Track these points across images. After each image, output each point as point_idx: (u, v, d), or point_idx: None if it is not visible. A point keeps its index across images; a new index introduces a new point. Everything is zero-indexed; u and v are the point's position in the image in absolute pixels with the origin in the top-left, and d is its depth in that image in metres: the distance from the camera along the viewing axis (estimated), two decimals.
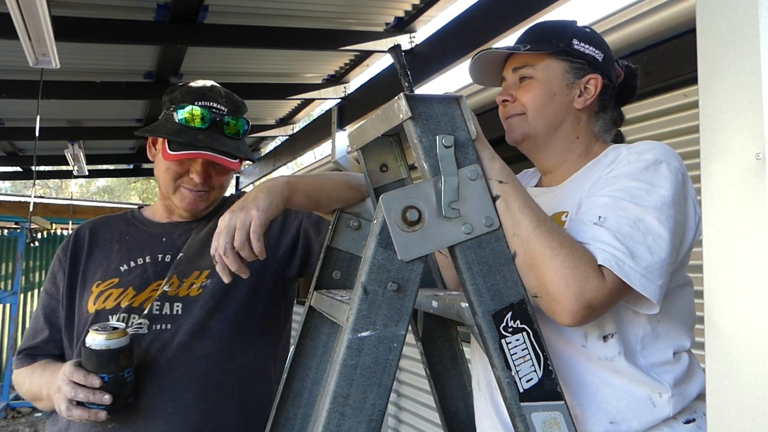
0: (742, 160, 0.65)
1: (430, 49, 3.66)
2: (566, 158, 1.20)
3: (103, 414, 1.27)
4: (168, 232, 1.55)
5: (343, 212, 1.31)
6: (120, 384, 1.29)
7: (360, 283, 0.84)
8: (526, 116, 1.19)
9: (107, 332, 1.27)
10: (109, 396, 1.26)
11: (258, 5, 3.50)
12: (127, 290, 1.45)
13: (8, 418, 7.53)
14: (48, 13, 2.58)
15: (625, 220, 0.96)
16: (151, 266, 1.48)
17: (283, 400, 1.25)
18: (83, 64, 4.26)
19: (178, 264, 1.47)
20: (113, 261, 1.51)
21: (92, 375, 1.27)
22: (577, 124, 1.19)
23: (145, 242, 1.53)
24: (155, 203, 1.64)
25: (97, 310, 1.44)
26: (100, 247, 1.55)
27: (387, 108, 0.94)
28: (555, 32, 1.21)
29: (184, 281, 1.45)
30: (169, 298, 1.43)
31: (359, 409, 0.82)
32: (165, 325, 1.41)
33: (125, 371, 1.29)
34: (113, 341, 1.27)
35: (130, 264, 1.50)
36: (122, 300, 1.44)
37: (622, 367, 1.03)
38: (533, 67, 1.19)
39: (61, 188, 24.56)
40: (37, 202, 9.65)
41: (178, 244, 1.51)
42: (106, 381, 1.27)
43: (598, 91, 1.18)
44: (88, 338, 1.28)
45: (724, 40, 0.67)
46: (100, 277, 1.49)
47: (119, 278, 1.48)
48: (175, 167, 1.47)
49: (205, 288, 1.45)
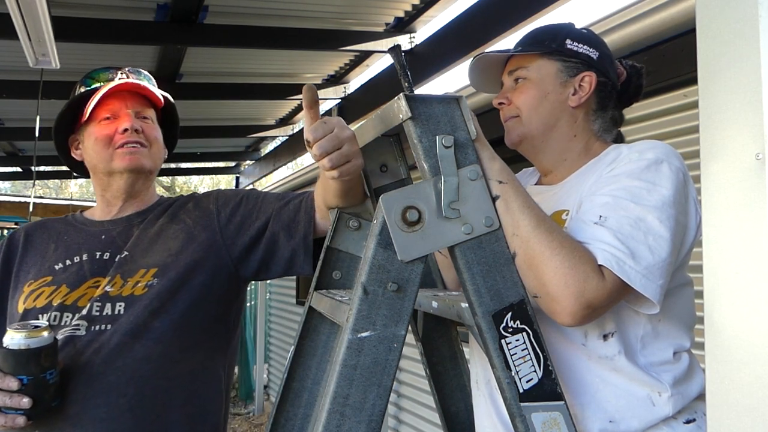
0: (742, 160, 0.65)
1: (430, 49, 3.67)
2: (565, 157, 1.20)
3: (22, 419, 1.17)
4: (107, 229, 1.48)
5: (343, 212, 1.30)
6: (41, 386, 1.18)
7: (360, 284, 0.84)
8: (520, 118, 1.20)
9: (27, 330, 1.17)
10: (28, 399, 1.16)
11: (258, 5, 3.50)
12: (60, 288, 1.37)
13: None
14: (48, 13, 2.58)
15: (626, 220, 0.96)
16: (88, 263, 1.41)
17: (283, 400, 1.25)
18: (83, 64, 4.25)
19: (122, 262, 1.40)
20: (48, 260, 1.44)
21: (9, 377, 1.16)
22: (574, 122, 1.19)
23: (83, 240, 1.46)
24: (95, 206, 1.58)
25: (26, 309, 1.36)
26: (35, 248, 1.48)
27: (387, 108, 0.94)
28: (549, 34, 1.22)
29: (129, 280, 1.37)
30: (111, 298, 1.34)
31: (359, 410, 0.82)
32: (104, 325, 1.32)
33: (47, 372, 1.18)
34: (33, 340, 1.16)
35: (66, 262, 1.42)
36: (54, 298, 1.36)
37: (622, 366, 1.03)
38: (526, 68, 1.20)
39: (61, 188, 24.55)
40: (37, 203, 9.65)
41: (118, 241, 1.44)
42: (25, 383, 1.16)
43: (593, 89, 1.19)
44: (6, 337, 1.18)
45: (724, 40, 0.67)
46: (33, 276, 1.42)
47: (52, 276, 1.40)
48: (103, 130, 1.43)
49: (151, 287, 1.36)
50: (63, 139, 1.52)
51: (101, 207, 1.53)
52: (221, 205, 1.50)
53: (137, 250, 1.42)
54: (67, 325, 1.32)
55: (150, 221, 1.48)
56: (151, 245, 1.43)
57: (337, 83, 4.91)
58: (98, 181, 1.50)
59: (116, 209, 1.51)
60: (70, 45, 3.51)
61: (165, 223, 1.47)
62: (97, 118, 1.44)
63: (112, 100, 1.44)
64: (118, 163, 1.43)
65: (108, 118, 1.44)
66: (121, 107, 1.44)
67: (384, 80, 4.27)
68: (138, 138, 1.44)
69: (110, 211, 1.51)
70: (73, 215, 1.57)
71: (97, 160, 1.46)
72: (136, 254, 1.41)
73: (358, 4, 3.55)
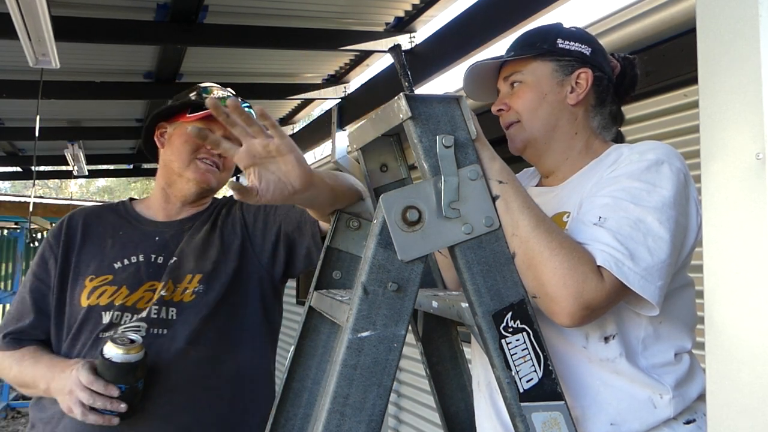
0: (742, 160, 0.65)
1: (430, 49, 3.66)
2: (567, 156, 1.20)
3: (117, 420, 1.34)
4: (161, 231, 1.57)
5: (343, 212, 1.30)
6: (134, 393, 1.35)
7: (360, 283, 0.84)
8: (522, 123, 1.20)
9: (126, 347, 1.32)
10: (125, 405, 1.33)
11: (258, 5, 3.50)
12: (120, 289, 1.48)
13: (8, 418, 7.53)
14: (48, 13, 2.58)
15: (626, 221, 0.96)
16: (144, 266, 1.51)
17: (283, 400, 1.25)
18: (83, 64, 4.26)
19: (173, 268, 1.50)
20: (107, 256, 1.53)
21: (111, 385, 1.32)
22: (574, 120, 1.19)
23: (139, 240, 1.55)
24: (149, 197, 1.66)
25: (90, 305, 1.47)
26: (92, 240, 1.56)
27: (387, 108, 0.94)
28: (539, 36, 1.22)
29: (178, 286, 1.49)
30: (165, 302, 1.46)
31: (359, 409, 0.82)
32: (161, 329, 1.45)
33: (139, 381, 1.36)
34: (132, 356, 1.33)
35: (124, 262, 1.52)
36: (116, 298, 1.47)
37: (623, 368, 1.03)
38: (521, 72, 1.21)
39: (61, 188, 24.56)
40: (37, 202, 9.65)
41: (171, 245, 1.54)
42: (123, 391, 1.33)
43: (590, 84, 1.19)
44: (108, 350, 1.33)
45: (724, 40, 0.67)
46: (94, 272, 1.51)
47: (113, 275, 1.50)
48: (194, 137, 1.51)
49: (198, 294, 1.48)
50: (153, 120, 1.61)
51: (159, 201, 1.62)
52: (245, 211, 1.61)
53: (184, 256, 1.53)
54: (128, 326, 1.45)
55: (197, 227, 1.58)
56: (196, 252, 1.53)
57: (337, 83, 4.91)
58: (166, 174, 1.59)
59: (173, 209, 1.61)
60: (70, 45, 3.51)
61: (208, 230, 1.57)
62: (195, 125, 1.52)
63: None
64: (191, 173, 1.54)
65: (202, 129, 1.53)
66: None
67: (384, 80, 4.26)
68: (217, 160, 1.55)
69: (167, 210, 1.61)
70: (125, 206, 1.65)
71: (175, 158, 1.55)
72: (184, 260, 1.52)
73: (358, 3, 3.55)
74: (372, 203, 1.25)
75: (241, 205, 1.61)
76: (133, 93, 4.77)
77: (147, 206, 1.63)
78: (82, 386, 1.31)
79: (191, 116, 1.52)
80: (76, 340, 1.47)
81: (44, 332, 1.52)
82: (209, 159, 1.54)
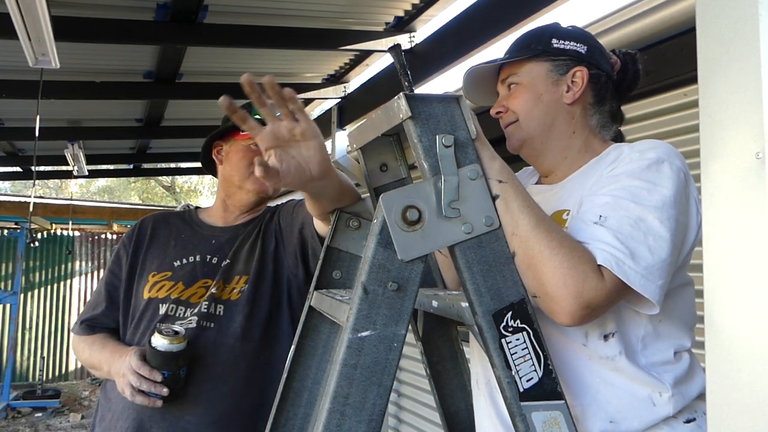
0: (742, 160, 0.65)
1: (429, 48, 3.66)
2: (566, 155, 1.20)
3: (160, 402, 1.50)
4: (218, 235, 1.75)
5: (343, 212, 1.31)
6: (176, 380, 1.51)
7: (360, 283, 0.84)
8: (519, 122, 1.21)
9: (170, 337, 1.49)
10: (167, 390, 1.49)
11: (258, 5, 3.50)
12: (177, 284, 1.67)
13: (8, 418, 7.53)
14: (48, 13, 2.58)
15: (626, 220, 0.96)
16: (200, 265, 1.69)
17: (283, 399, 1.25)
18: (83, 64, 4.25)
19: (226, 269, 1.67)
20: (169, 255, 1.72)
21: (155, 371, 1.49)
22: (571, 119, 1.19)
23: (197, 242, 1.74)
24: (212, 206, 1.85)
25: (150, 298, 1.66)
26: (158, 241, 1.77)
27: (387, 107, 0.94)
28: (534, 38, 1.23)
29: (227, 286, 1.65)
30: (215, 299, 1.63)
31: (359, 409, 0.82)
32: (210, 323, 1.60)
33: (181, 369, 1.52)
34: (175, 346, 1.50)
35: (183, 261, 1.71)
36: (172, 292, 1.65)
37: (623, 366, 1.03)
38: (517, 74, 1.22)
39: (61, 188, 24.55)
40: (37, 202, 9.64)
41: (225, 248, 1.71)
42: (165, 377, 1.49)
43: (586, 83, 1.19)
44: (154, 339, 1.50)
45: (724, 40, 0.67)
46: (156, 268, 1.70)
47: (172, 272, 1.69)
48: (249, 152, 1.68)
49: (242, 293, 1.64)
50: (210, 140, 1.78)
51: (219, 210, 1.80)
52: (280, 216, 1.76)
53: (236, 259, 1.69)
54: (181, 317, 1.62)
55: (249, 232, 1.74)
56: (246, 255, 1.69)
57: (337, 83, 4.91)
58: (226, 187, 1.77)
59: (232, 217, 1.78)
60: (70, 45, 3.50)
61: (256, 235, 1.73)
62: (249, 141, 1.70)
63: None
64: (251, 185, 1.71)
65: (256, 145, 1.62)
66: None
67: (384, 80, 4.26)
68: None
69: (226, 218, 1.79)
70: (190, 213, 1.85)
71: (235, 172, 1.72)
72: (235, 263, 1.68)
73: (357, 3, 3.55)
74: (372, 203, 1.25)
75: (279, 211, 1.76)
76: (133, 93, 4.76)
77: (208, 214, 1.82)
78: (132, 370, 1.49)
79: (243, 135, 1.68)
80: (137, 328, 1.65)
81: (114, 321, 1.73)
82: None
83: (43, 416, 7.56)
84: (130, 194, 25.26)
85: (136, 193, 24.89)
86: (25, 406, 7.73)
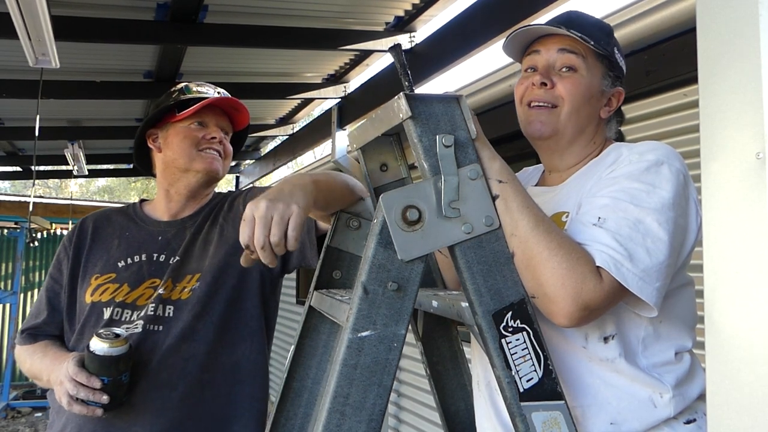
0: (742, 160, 0.65)
1: (430, 48, 3.66)
2: (579, 160, 1.19)
3: (100, 411, 1.38)
4: (164, 230, 1.63)
5: (343, 212, 1.30)
6: (117, 386, 1.39)
7: (360, 283, 0.84)
8: (559, 110, 1.14)
9: (110, 340, 1.38)
10: (107, 396, 1.37)
11: (258, 5, 3.50)
12: (122, 286, 1.55)
13: (8, 418, 7.53)
14: (48, 12, 2.58)
15: (625, 222, 0.96)
16: (147, 264, 1.57)
17: (283, 399, 1.25)
18: (83, 63, 4.26)
19: (174, 267, 1.55)
20: (112, 256, 1.60)
21: (94, 377, 1.36)
22: (596, 131, 1.19)
23: (143, 240, 1.62)
24: (155, 199, 1.71)
25: (93, 302, 1.55)
26: (101, 241, 1.65)
27: (387, 107, 0.94)
28: (602, 32, 1.18)
29: (177, 285, 1.53)
30: (163, 300, 1.51)
31: (359, 409, 0.82)
32: (157, 326, 1.49)
33: (122, 375, 1.39)
34: (115, 349, 1.37)
35: (127, 261, 1.59)
36: (117, 295, 1.54)
37: (623, 367, 1.02)
38: (585, 59, 1.14)
39: (61, 188, 24.56)
40: (37, 202, 9.64)
41: (173, 244, 1.60)
42: (105, 383, 1.37)
43: (619, 105, 1.20)
44: (92, 343, 1.38)
45: (724, 40, 0.67)
46: (99, 271, 1.59)
47: (116, 274, 1.57)
48: (192, 132, 1.59)
49: (193, 291, 1.52)
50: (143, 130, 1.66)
51: (162, 202, 1.67)
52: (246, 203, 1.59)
53: (186, 256, 1.57)
54: (127, 321, 1.51)
55: (199, 225, 1.62)
56: (197, 251, 1.58)
57: (337, 83, 4.91)
58: (168, 175, 1.64)
59: (176, 207, 1.65)
60: (69, 44, 3.51)
61: (209, 227, 1.62)
62: (188, 121, 1.61)
63: (206, 110, 1.61)
64: (198, 164, 1.59)
65: (200, 123, 1.61)
66: (211, 119, 1.62)
67: (384, 80, 4.26)
68: (219, 148, 1.62)
69: (169, 209, 1.66)
70: (134, 208, 1.72)
71: (178, 155, 1.60)
72: (185, 260, 1.57)
73: (358, 3, 3.55)
74: (372, 203, 1.25)
75: (245, 197, 1.63)
76: (133, 93, 4.77)
77: (153, 208, 1.70)
78: (69, 377, 1.37)
79: (180, 115, 1.59)
80: (81, 335, 1.54)
81: (57, 328, 1.62)
82: (211, 148, 1.60)
83: (43, 416, 7.56)
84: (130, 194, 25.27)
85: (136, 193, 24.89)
86: (25, 406, 7.73)
